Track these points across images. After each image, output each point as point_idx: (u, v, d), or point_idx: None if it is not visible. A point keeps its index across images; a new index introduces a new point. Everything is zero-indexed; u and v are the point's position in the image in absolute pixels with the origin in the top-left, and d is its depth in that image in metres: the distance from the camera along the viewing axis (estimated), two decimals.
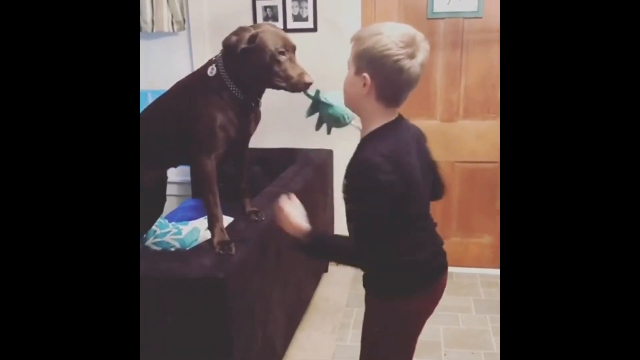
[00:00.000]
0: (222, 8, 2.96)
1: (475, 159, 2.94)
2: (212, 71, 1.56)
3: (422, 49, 1.21)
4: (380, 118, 1.28)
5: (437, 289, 1.44)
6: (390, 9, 2.86)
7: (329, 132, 1.76)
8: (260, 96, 1.64)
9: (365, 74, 1.21)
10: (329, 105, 1.61)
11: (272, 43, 1.50)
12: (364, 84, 1.22)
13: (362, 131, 1.32)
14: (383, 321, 1.41)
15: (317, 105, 1.65)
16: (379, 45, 1.18)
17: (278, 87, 1.55)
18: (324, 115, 1.66)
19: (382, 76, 1.20)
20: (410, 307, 1.38)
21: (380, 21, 2.82)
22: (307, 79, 1.51)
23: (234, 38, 1.51)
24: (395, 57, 1.17)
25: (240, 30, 1.53)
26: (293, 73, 1.51)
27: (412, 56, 1.18)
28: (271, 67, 1.51)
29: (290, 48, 1.54)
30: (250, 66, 1.52)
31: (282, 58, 1.51)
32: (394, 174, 1.20)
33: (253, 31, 1.51)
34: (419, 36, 1.21)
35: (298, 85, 1.52)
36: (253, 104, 1.62)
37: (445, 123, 2.93)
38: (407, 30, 1.21)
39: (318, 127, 1.76)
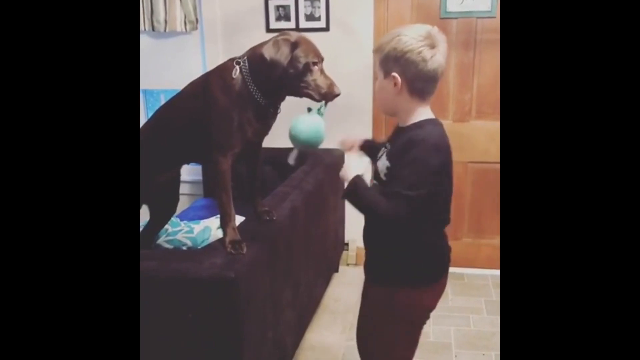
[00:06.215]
0: (234, 8, 2.97)
1: (487, 160, 2.92)
2: (235, 73, 1.57)
3: (440, 39, 1.31)
4: (420, 112, 1.35)
5: (443, 285, 1.49)
6: (402, 8, 2.85)
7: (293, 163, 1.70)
8: (279, 103, 1.66)
9: (394, 74, 1.30)
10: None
11: (307, 54, 1.54)
12: (395, 84, 1.31)
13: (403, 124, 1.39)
14: (391, 312, 1.44)
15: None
16: (400, 44, 1.28)
17: (306, 96, 1.59)
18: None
19: (410, 70, 1.29)
20: (419, 299, 1.44)
21: (392, 20, 2.84)
22: (336, 90, 1.56)
23: (276, 53, 1.53)
24: (418, 49, 1.27)
25: (278, 43, 1.54)
26: (323, 84, 1.56)
27: (432, 46, 1.28)
28: (303, 77, 1.55)
29: (321, 59, 1.59)
30: (281, 73, 1.54)
31: (315, 69, 1.55)
32: (446, 156, 1.31)
33: (292, 40, 1.54)
34: (434, 29, 1.31)
35: (327, 96, 1.57)
36: (272, 110, 1.64)
37: (457, 123, 2.91)
38: (421, 26, 1.32)
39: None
